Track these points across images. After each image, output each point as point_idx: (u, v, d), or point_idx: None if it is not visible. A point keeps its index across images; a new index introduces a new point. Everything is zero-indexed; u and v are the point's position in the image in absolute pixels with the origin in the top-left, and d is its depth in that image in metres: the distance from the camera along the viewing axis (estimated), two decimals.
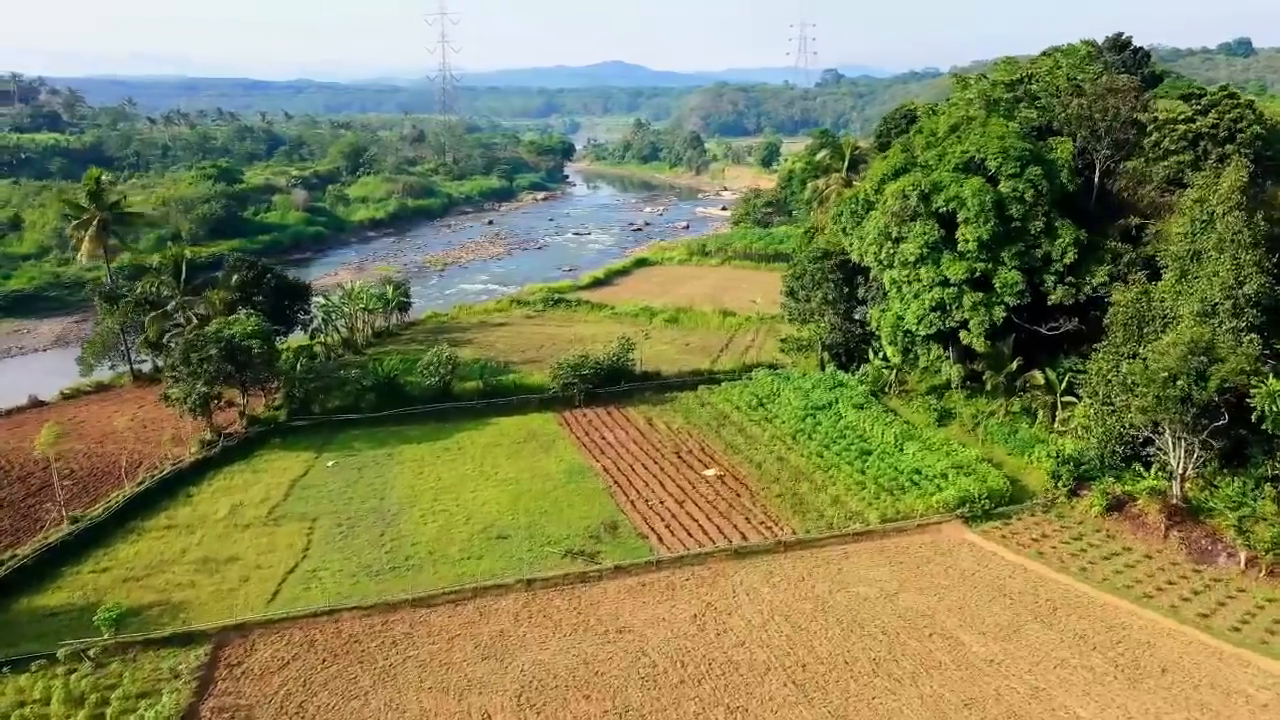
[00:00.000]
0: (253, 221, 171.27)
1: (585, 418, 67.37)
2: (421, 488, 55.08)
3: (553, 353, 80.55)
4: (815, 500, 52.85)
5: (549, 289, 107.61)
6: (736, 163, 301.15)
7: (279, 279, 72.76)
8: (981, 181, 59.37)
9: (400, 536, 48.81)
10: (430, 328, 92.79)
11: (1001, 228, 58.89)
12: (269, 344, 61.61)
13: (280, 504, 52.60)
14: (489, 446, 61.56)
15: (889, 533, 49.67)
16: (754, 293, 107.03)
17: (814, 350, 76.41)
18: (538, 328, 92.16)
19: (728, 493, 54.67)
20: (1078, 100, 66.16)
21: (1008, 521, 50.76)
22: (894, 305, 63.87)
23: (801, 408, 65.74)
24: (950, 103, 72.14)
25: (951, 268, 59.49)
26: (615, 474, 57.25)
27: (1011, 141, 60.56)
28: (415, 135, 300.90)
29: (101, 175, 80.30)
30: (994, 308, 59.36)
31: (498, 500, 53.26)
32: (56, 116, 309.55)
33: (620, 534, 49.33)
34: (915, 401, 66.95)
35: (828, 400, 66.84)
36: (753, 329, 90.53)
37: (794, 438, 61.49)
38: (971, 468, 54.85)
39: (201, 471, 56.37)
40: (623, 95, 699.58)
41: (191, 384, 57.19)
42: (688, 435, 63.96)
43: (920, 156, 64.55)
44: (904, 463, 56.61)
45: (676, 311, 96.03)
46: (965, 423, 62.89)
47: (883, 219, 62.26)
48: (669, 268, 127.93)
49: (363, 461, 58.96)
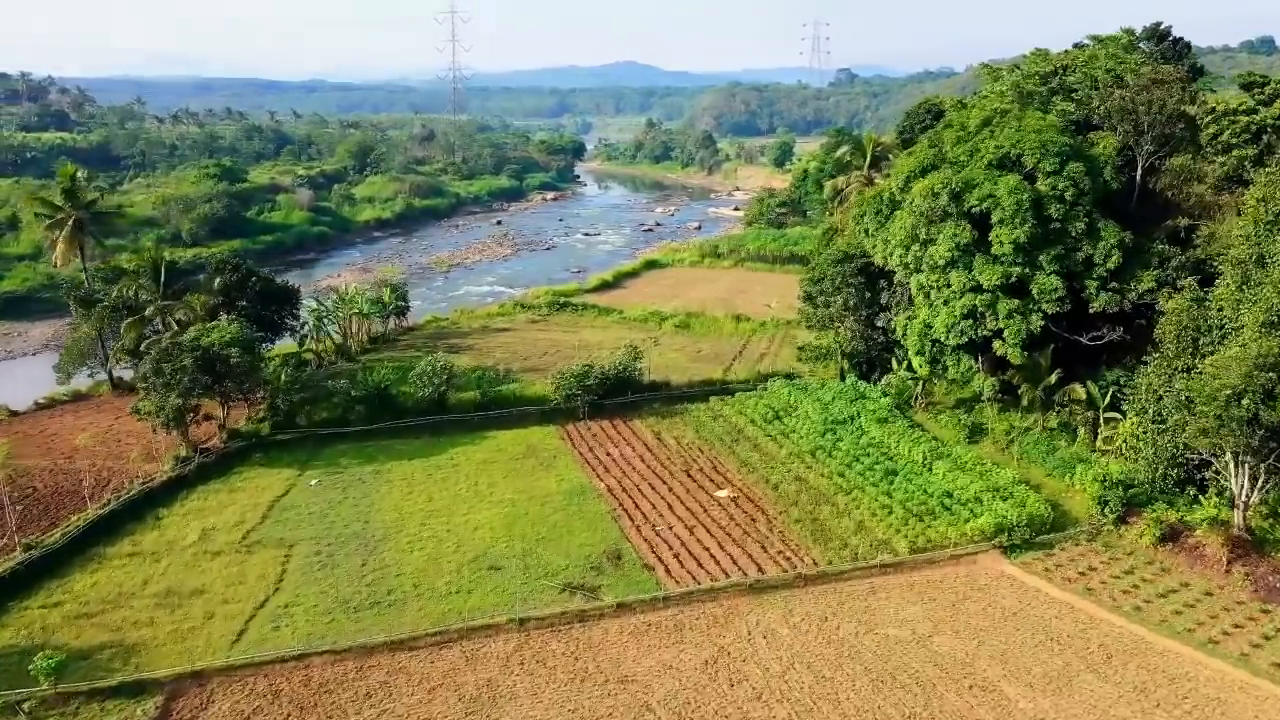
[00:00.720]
0: (256, 221, 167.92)
1: (589, 431, 63.09)
2: (410, 510, 50.89)
3: (556, 360, 76.39)
4: (837, 527, 48.39)
5: (554, 292, 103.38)
6: (749, 163, 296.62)
7: (265, 282, 68.67)
8: (1018, 179, 54.81)
9: (383, 566, 44.59)
10: (429, 333, 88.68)
11: (1039, 229, 54.32)
12: (250, 352, 57.54)
13: (256, 527, 48.48)
14: (485, 463, 57.34)
15: (920, 564, 45.16)
16: (768, 296, 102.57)
17: (833, 359, 71.90)
18: (542, 333, 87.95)
19: (742, 517, 50.29)
20: (1119, 92, 61.54)
21: (1050, 552, 46.16)
22: (921, 312, 59.35)
23: (821, 422, 61.28)
24: (981, 95, 67.59)
25: (985, 272, 54.93)
26: (620, 495, 52.94)
27: (1050, 136, 55.99)
28: (425, 135, 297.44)
29: (77, 172, 76.39)
30: (1031, 316, 54.80)
31: (491, 524, 49.02)
32: (64, 115, 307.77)
33: (624, 564, 44.99)
34: (943, 416, 62.37)
35: (849, 414, 62.34)
36: (767, 335, 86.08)
37: (813, 455, 57.04)
38: (1008, 490, 50.26)
39: (174, 491, 52.29)
40: (635, 95, 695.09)
41: (164, 396, 53.16)
42: (699, 451, 59.59)
43: (950, 152, 60.00)
44: (934, 484, 52.09)
45: (687, 316, 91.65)
46: (998, 439, 58.29)
47: (910, 219, 57.77)
48: (680, 270, 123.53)
49: (348, 480, 54.81)
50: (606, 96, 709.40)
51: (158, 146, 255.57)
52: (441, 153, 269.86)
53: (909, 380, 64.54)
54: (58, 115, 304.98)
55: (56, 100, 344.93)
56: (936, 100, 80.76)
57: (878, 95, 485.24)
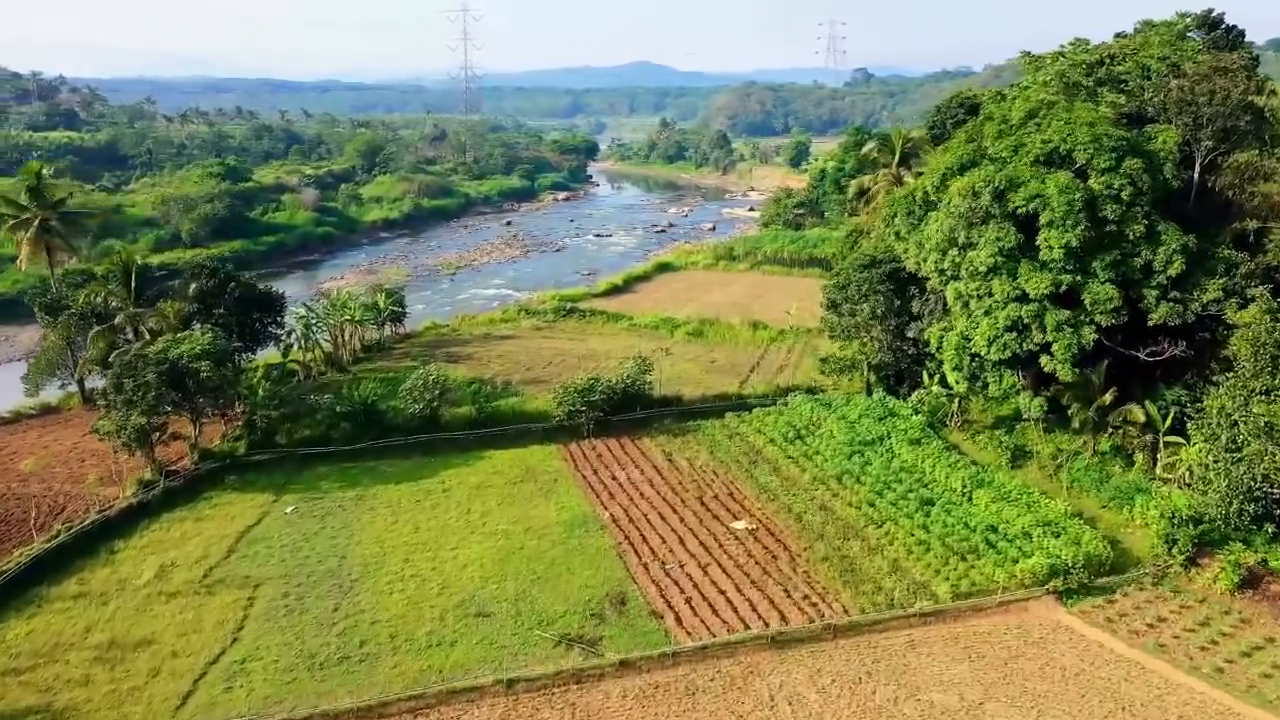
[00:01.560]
0: (259, 222, 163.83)
1: (594, 451, 57.99)
2: (393, 542, 45.88)
3: (561, 371, 71.38)
4: (869, 566, 43.09)
5: (560, 297, 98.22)
6: (764, 162, 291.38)
7: (246, 287, 63.73)
8: (1069, 176, 49.40)
9: (358, 612, 39.56)
10: (428, 341, 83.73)
11: (1093, 232, 48.92)
12: (223, 365, 52.69)
13: (220, 564, 43.54)
14: (479, 488, 52.28)
15: (964, 613, 39.82)
16: (786, 301, 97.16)
17: (859, 372, 66.55)
18: (546, 341, 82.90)
19: (761, 553, 45.04)
20: (1176, 82, 55.97)
21: (1111, 598, 40.74)
22: (959, 323, 53.97)
23: (847, 442, 56.01)
24: (1022, 86, 62.06)
25: (1031, 280, 49.53)
26: (626, 526, 47.80)
27: (1104, 129, 50.56)
28: (436, 134, 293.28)
29: (42, 169, 71.71)
30: (1083, 328, 49.36)
31: (482, 561, 43.94)
32: (73, 114, 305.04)
33: (629, 611, 39.81)
34: (981, 436, 56.93)
35: (878, 433, 57.02)
36: (786, 344, 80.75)
37: (840, 480, 51.78)
38: (1060, 525, 44.83)
39: (134, 520, 47.35)
40: (649, 95, 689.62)
41: (126, 414, 48.37)
42: (713, 475, 54.40)
43: (991, 148, 54.64)
44: (975, 516, 46.71)
45: (701, 323, 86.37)
46: (1044, 464, 52.83)
47: (947, 221, 52.43)
48: (693, 273, 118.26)
49: (327, 506, 49.85)
50: (620, 97, 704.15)
51: (165, 146, 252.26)
52: (453, 152, 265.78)
53: (943, 397, 59.14)
54: (67, 114, 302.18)
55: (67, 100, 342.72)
56: (969, 93, 75.24)
57: (894, 95, 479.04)
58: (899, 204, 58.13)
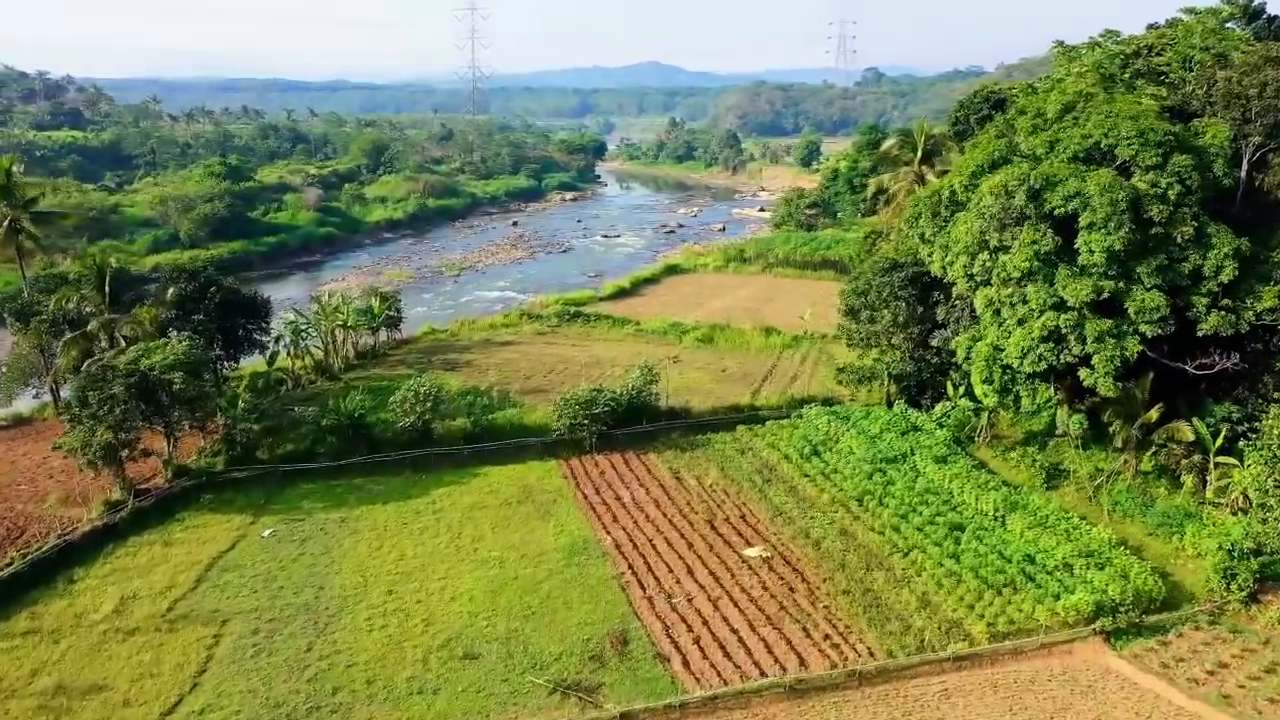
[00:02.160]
0: (260, 222, 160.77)
1: (597, 468, 54.31)
2: (377, 571, 42.29)
3: (563, 380, 67.75)
4: (896, 601, 39.31)
5: (565, 301, 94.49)
6: (774, 162, 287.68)
7: (229, 292, 60.23)
8: (1111, 174, 45.45)
9: (333, 652, 35.95)
10: (425, 347, 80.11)
11: (1137, 234, 44.94)
12: (197, 376, 49.20)
13: (187, 595, 40.00)
14: (472, 509, 48.66)
15: (1003, 656, 36.02)
16: (799, 305, 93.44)
17: (878, 382, 62.75)
18: (549, 347, 79.22)
19: (777, 585, 41.28)
20: (1223, 73, 52.00)
21: (1165, 639, 36.87)
22: (989, 333, 50.06)
23: (868, 459, 52.24)
24: (1055, 79, 58.11)
25: (1070, 286, 45.57)
26: (630, 553, 44.08)
27: (1149, 122, 46.58)
28: (444, 134, 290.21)
29: (11, 167, 68.33)
30: (1126, 339, 45.36)
31: (472, 593, 40.29)
32: (78, 114, 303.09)
33: (632, 652, 36.12)
34: (1012, 454, 53.09)
35: (900, 450, 53.23)
36: (800, 352, 76.90)
37: (860, 502, 48.00)
38: (1104, 555, 40.97)
39: (99, 544, 43.79)
40: (658, 95, 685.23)
41: (91, 430, 44.90)
42: (724, 495, 50.65)
43: (1024, 144, 50.73)
44: (1010, 544, 42.89)
45: (711, 329, 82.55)
46: (1082, 485, 48.96)
47: (977, 223, 48.52)
48: (703, 275, 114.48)
49: (308, 529, 46.27)
50: (629, 97, 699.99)
51: (170, 145, 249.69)
52: (459, 152, 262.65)
53: (970, 411, 55.26)
54: (71, 114, 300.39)
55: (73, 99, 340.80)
56: (994, 88, 71.28)
57: (905, 95, 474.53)
58: (924, 204, 54.24)
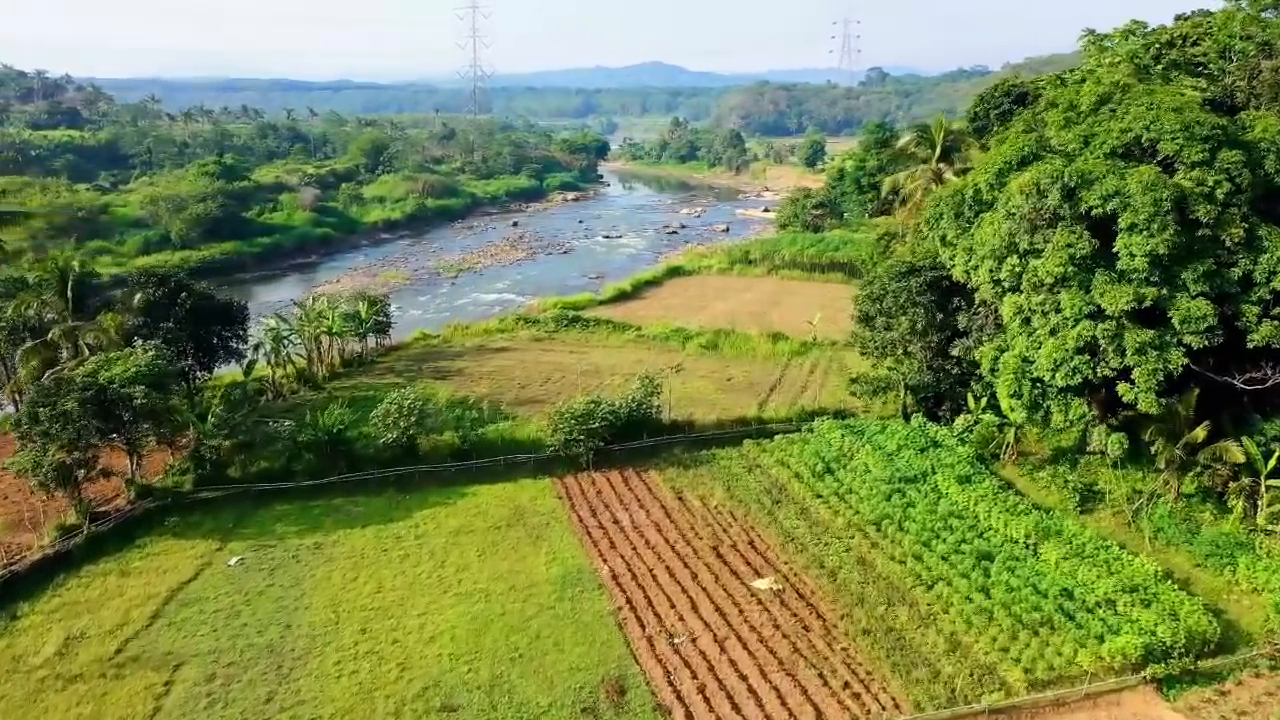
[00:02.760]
0: (255, 222, 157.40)
1: (593, 487, 50.61)
2: (350, 605, 38.61)
3: (560, 389, 64.11)
4: (922, 642, 35.56)
5: (563, 305, 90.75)
6: (779, 162, 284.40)
7: (201, 298, 56.53)
8: (1154, 171, 41.71)
9: (296, 703, 32.23)
10: (416, 353, 76.38)
11: (1182, 237, 41.23)
12: (161, 389, 45.54)
13: (140, 634, 36.34)
14: (458, 534, 44.96)
15: (1044, 708, 32.28)
16: (807, 309, 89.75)
17: (895, 393, 59.03)
18: (545, 354, 75.50)
19: (790, 623, 37.54)
20: (1269, 63, 48.38)
21: (1223, 688, 33.13)
22: (1018, 343, 46.30)
23: (885, 478, 48.49)
24: (1086, 70, 54.33)
25: (1109, 293, 41.82)
26: (628, 584, 40.38)
27: (1195, 115, 42.84)
28: (445, 133, 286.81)
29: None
30: (1170, 351, 41.64)
31: (454, 632, 36.59)
32: (76, 113, 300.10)
33: (629, 704, 32.37)
34: (1041, 473, 49.28)
35: (920, 468, 49.48)
36: (810, 359, 73.09)
37: (879, 526, 44.27)
38: (1150, 590, 37.22)
39: (49, 574, 40.14)
40: (661, 95, 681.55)
41: (43, 448, 41.30)
42: (730, 518, 46.90)
43: (1055, 138, 47.02)
44: (1045, 577, 39.14)
45: (715, 335, 78.76)
46: (1119, 508, 45.17)
47: (1005, 224, 44.79)
48: (706, 278, 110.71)
49: (279, 557, 42.60)
50: (632, 97, 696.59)
51: (167, 145, 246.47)
52: (460, 151, 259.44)
53: (995, 426, 51.49)
54: (69, 113, 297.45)
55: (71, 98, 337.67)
56: (1015, 81, 67.46)
57: (910, 95, 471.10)
58: (945, 204, 50.46)
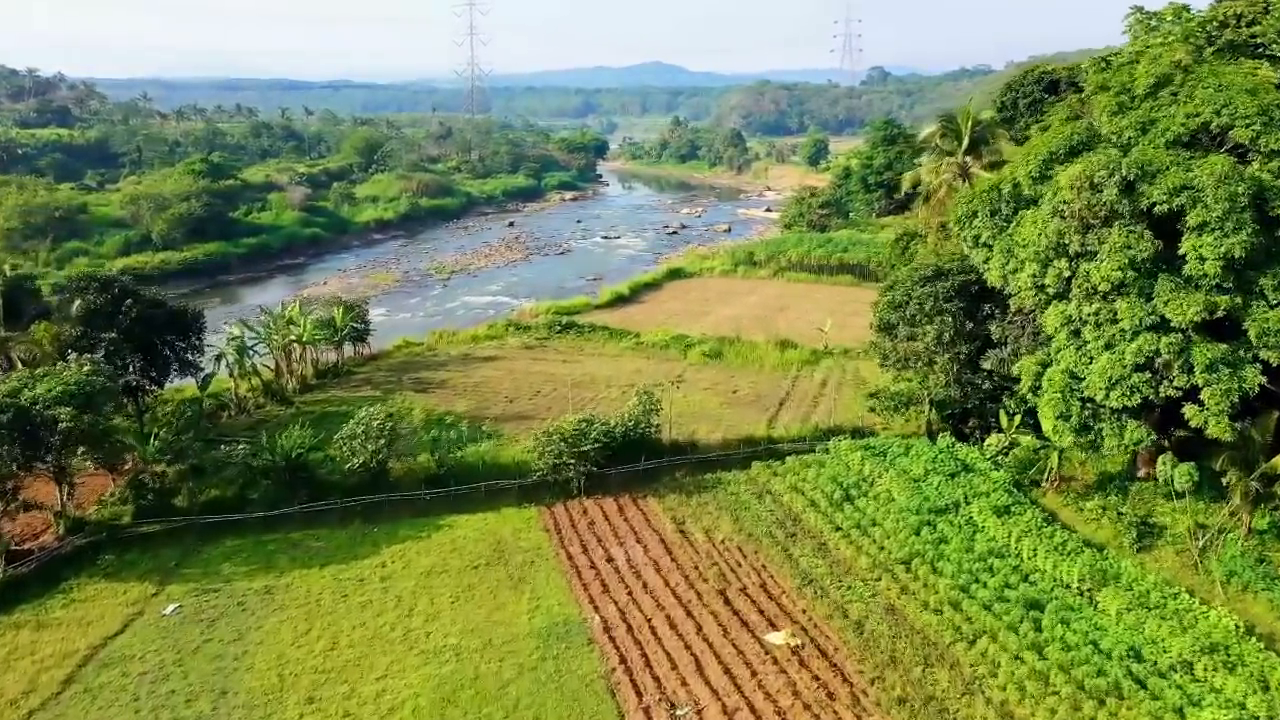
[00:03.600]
0: (241, 222, 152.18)
1: (585, 517, 45.17)
2: (298, 666, 33.17)
3: (551, 403, 58.79)
4: (968, 715, 30.15)
5: (557, 310, 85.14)
6: (780, 162, 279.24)
7: (150, 305, 50.91)
8: (1228, 161, 36.39)
9: None
10: (397, 362, 70.80)
11: (1260, 237, 35.92)
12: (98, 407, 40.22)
13: (47, 705, 30.93)
14: (429, 575, 39.53)
15: None
16: (815, 314, 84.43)
17: (918, 409, 53.64)
18: (536, 364, 70.05)
19: (811, 688, 32.09)
20: None
21: None
22: (1064, 357, 40.92)
23: (913, 509, 43.05)
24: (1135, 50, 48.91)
25: (1174, 302, 36.50)
26: (622, 638, 34.96)
27: (1273, 97, 37.53)
28: (442, 132, 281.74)
29: None
30: (1244, 369, 36.32)
31: (417, 702, 31.14)
32: (66, 111, 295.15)
33: None
34: (1088, 503, 43.66)
35: (952, 497, 44.03)
36: (821, 370, 67.64)
37: (908, 567, 38.88)
38: (1233, 650, 31.82)
39: None
40: (661, 95, 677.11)
41: None
42: (739, 555, 41.46)
43: (1106, 126, 41.64)
44: (1106, 632, 33.71)
45: (719, 342, 73.29)
46: (1182, 544, 39.72)
47: (1053, 223, 39.42)
48: (709, 280, 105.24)
49: (222, 604, 37.19)
50: (632, 97, 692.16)
51: (158, 144, 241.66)
52: (457, 150, 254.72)
53: (1035, 449, 46.05)
54: (59, 111, 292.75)
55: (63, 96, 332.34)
56: (1047, 67, 62.04)
57: (912, 94, 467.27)
58: (980, 200, 45.03)
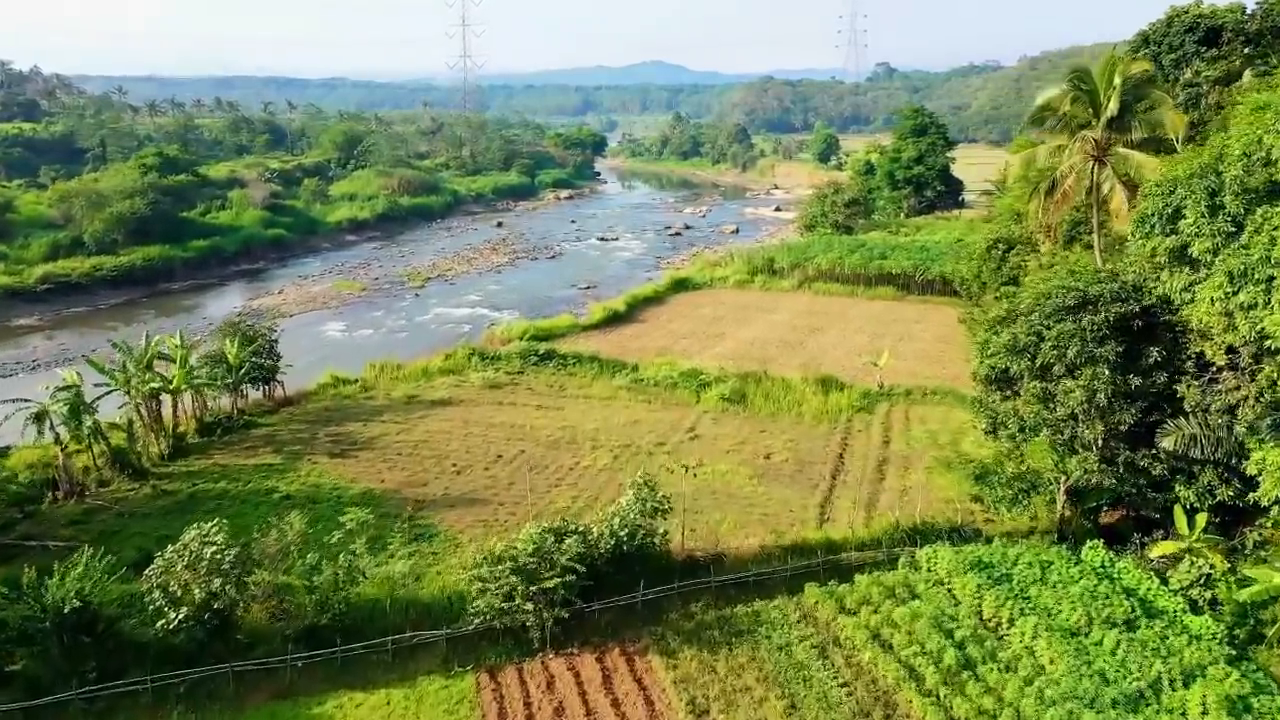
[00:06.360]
0: (195, 222, 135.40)
1: (549, 693, 27.92)
2: None
3: (512, 476, 41.99)
4: None
5: (534, 332, 67.40)
6: (787, 159, 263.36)
7: None
8: None
9: None
10: (316, 409, 53.04)
11: None
12: None
13: None
14: None
15: None
16: (857, 336, 67.90)
17: (1044, 494, 36.71)
18: (501, 409, 52.76)
19: None
20: None
21: None
22: None
23: (1080, 694, 26.11)
24: None
25: None
26: None
27: None
28: (432, 127, 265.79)
29: None
30: None
31: None
32: (34, 105, 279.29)
33: None
34: None
35: (1143, 675, 27.01)
36: (878, 419, 50.66)
37: None
38: None
39: None
40: (662, 93, 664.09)
41: None
42: None
43: None
44: None
45: (741, 380, 55.84)
46: None
47: None
48: (721, 292, 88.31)
49: None
50: (632, 94, 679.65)
51: (127, 138, 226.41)
52: (447, 146, 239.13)
53: (1268, 589, 29.05)
54: (27, 105, 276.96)
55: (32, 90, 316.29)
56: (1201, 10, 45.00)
57: (919, 90, 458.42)
58: (1186, 189, 28.14)
